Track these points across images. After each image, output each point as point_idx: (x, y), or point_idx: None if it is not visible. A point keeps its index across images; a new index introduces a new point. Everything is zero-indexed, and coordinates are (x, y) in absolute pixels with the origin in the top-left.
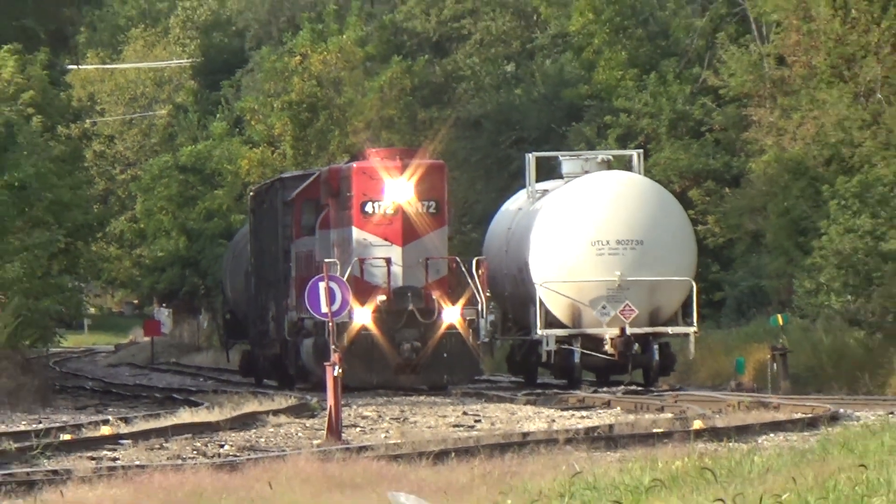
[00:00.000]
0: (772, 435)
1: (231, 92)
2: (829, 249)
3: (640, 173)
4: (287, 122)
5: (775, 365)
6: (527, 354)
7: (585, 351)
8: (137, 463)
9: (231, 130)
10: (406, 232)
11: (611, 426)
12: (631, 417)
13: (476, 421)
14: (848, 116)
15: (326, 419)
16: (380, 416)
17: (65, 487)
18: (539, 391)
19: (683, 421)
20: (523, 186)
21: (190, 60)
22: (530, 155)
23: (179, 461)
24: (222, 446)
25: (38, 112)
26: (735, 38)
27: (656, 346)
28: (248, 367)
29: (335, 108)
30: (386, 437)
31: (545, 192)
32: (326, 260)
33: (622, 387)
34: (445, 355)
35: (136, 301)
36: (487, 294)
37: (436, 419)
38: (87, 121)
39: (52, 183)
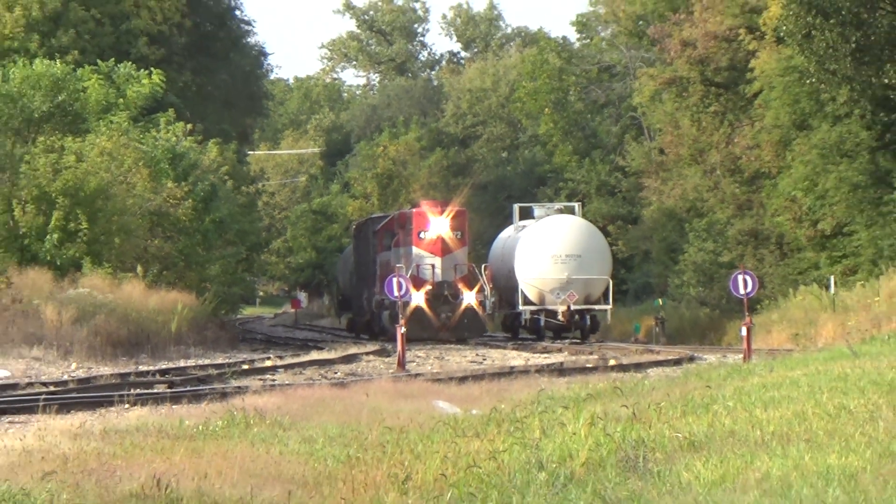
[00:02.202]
0: (655, 368)
1: (342, 167)
2: (688, 261)
3: (579, 216)
4: (374, 185)
5: (657, 328)
6: (513, 321)
7: (547, 319)
8: (287, 382)
9: (342, 190)
10: (444, 249)
11: (562, 363)
12: (573, 358)
13: (483, 359)
14: (700, 184)
15: (396, 357)
16: (427, 356)
17: (244, 396)
18: (520, 342)
19: (604, 360)
20: (511, 223)
21: (319, 149)
22: (515, 205)
23: (311, 381)
24: (336, 373)
25: (230, 178)
26: (635, 138)
27: (588, 317)
28: (351, 327)
29: (402, 178)
30: (431, 368)
31: (524, 226)
32: (397, 265)
33: (568, 340)
34: (465, 321)
35: (286, 288)
36: (490, 286)
37: (460, 358)
38: (259, 184)
39: (238, 219)
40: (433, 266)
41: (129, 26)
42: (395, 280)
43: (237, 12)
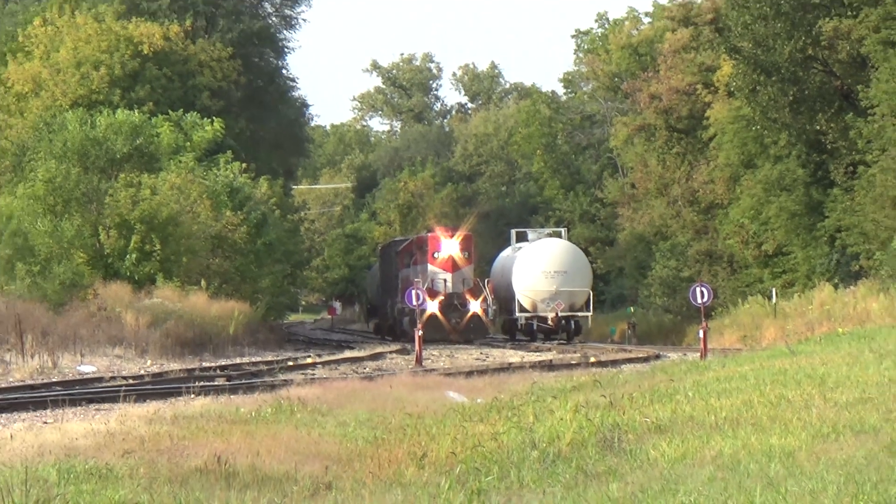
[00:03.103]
0: (628, 365)
1: (370, 199)
2: (655, 276)
3: (565, 239)
4: (397, 214)
5: (629, 331)
6: (511, 325)
7: (539, 323)
8: (324, 376)
9: (370, 218)
10: (454, 266)
11: (551, 360)
12: (561, 356)
13: (486, 357)
14: (664, 213)
15: (415, 355)
16: (440, 354)
17: (290, 388)
18: (516, 343)
19: (586, 358)
20: (509, 245)
21: (351, 184)
22: (512, 230)
23: (344, 375)
24: (365, 368)
25: (278, 208)
26: (611, 174)
27: (573, 322)
28: (377, 331)
29: (420, 208)
30: (443, 364)
31: (520, 248)
32: (415, 279)
33: (556, 341)
34: (472, 325)
35: (324, 298)
36: (492, 296)
37: (467, 356)
38: (301, 213)
39: (284, 242)
40: (445, 280)
41: (195, 82)
42: (413, 292)
43: (283, 71)
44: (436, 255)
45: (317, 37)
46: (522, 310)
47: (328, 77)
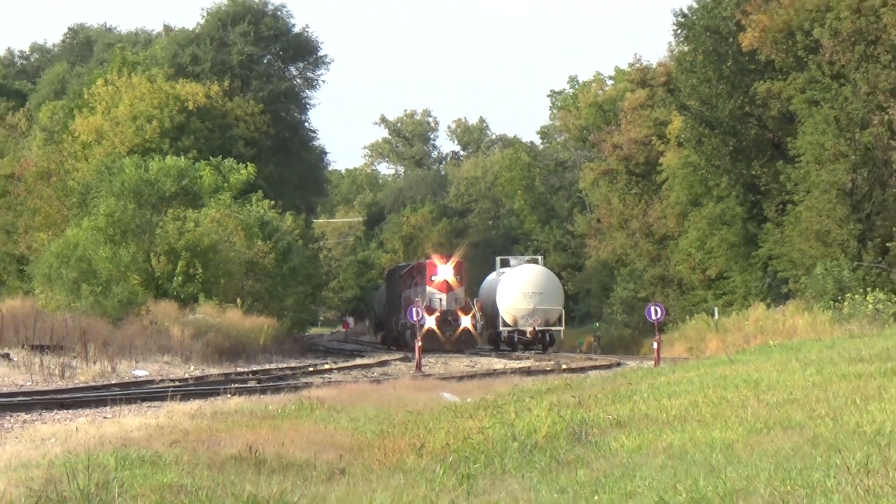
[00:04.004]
0: (594, 371)
1: (378, 231)
2: (617, 297)
3: (542, 265)
4: (400, 244)
5: (595, 343)
6: (496, 337)
7: (519, 336)
8: (339, 380)
9: (378, 247)
10: (448, 288)
11: (529, 367)
12: (537, 363)
13: (475, 364)
14: (624, 243)
15: (415, 363)
16: (436, 362)
17: (310, 389)
18: (500, 352)
19: (558, 365)
20: (495, 270)
21: (362, 219)
22: (497, 257)
23: (356, 379)
24: (373, 373)
25: (301, 238)
26: (580, 210)
27: (548, 335)
28: (384, 342)
29: (420, 238)
30: (439, 370)
31: (504, 272)
32: (416, 299)
33: (534, 351)
34: (463, 338)
35: (339, 314)
36: (480, 313)
37: (459, 363)
38: (320, 242)
39: (306, 267)
40: (441, 300)
41: (232, 133)
42: (414, 309)
43: (306, 124)
44: (433, 278)
45: (334, 95)
46: (505, 324)
47: (343, 129)
